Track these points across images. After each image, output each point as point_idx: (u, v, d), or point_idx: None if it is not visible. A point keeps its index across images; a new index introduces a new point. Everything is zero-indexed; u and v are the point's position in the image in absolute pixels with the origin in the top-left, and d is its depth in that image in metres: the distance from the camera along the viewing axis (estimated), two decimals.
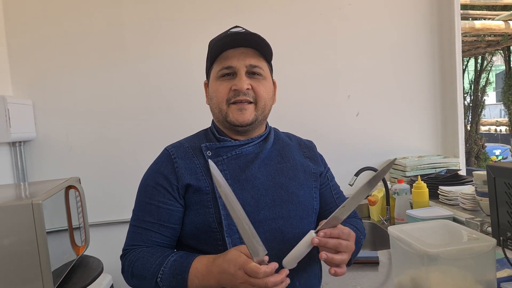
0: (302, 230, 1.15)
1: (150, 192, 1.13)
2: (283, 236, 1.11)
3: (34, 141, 2.17)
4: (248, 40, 1.12)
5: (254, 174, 1.12)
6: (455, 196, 2.02)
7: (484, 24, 5.24)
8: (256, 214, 1.08)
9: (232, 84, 1.11)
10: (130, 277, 1.08)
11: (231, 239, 1.05)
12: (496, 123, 9.71)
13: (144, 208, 1.13)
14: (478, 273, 1.11)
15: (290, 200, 1.14)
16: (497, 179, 1.13)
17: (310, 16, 2.46)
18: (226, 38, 1.10)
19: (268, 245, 1.05)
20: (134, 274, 1.06)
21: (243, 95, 1.11)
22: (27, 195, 1.37)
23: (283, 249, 1.07)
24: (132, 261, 1.07)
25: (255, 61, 1.12)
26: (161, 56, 2.29)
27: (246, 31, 1.15)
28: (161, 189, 1.12)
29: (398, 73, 2.60)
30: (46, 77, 2.18)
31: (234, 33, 1.11)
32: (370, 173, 2.49)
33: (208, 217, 1.06)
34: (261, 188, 1.11)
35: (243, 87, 1.10)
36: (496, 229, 1.15)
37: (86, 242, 1.55)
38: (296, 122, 2.34)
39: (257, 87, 1.13)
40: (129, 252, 1.11)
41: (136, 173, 1.40)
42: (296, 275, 1.10)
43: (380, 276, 1.58)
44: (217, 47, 1.11)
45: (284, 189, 1.14)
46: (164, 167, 1.14)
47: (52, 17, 2.18)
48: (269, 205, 1.10)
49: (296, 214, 1.14)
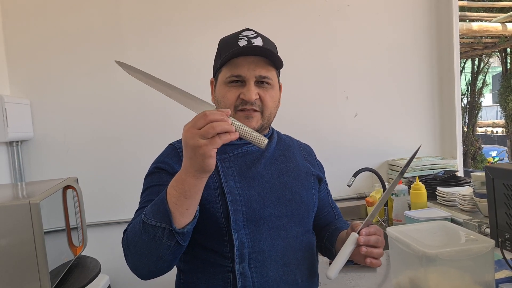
0: (305, 228, 1.20)
1: (156, 177, 1.13)
2: (287, 233, 1.13)
3: (32, 141, 2.16)
4: (259, 51, 1.12)
5: (260, 172, 1.14)
6: (453, 197, 2.03)
7: (481, 26, 5.27)
8: (262, 211, 1.10)
9: (240, 92, 1.11)
10: (127, 248, 1.00)
11: (237, 235, 1.06)
12: (492, 124, 9.75)
13: (150, 191, 1.11)
14: (477, 274, 1.11)
15: (293, 199, 1.16)
16: (495, 180, 1.13)
17: (309, 17, 2.46)
18: (238, 49, 1.09)
19: (273, 241, 1.10)
20: (128, 239, 1.00)
21: (250, 104, 1.11)
22: (24, 195, 1.37)
23: (287, 246, 1.12)
24: (127, 230, 1.03)
25: (264, 71, 1.12)
26: (159, 55, 2.28)
27: (258, 36, 1.15)
28: (166, 173, 1.12)
29: (397, 74, 2.61)
30: (44, 77, 2.18)
31: (247, 47, 1.11)
32: (368, 174, 2.50)
33: (216, 212, 1.07)
34: (266, 186, 1.13)
35: (252, 98, 1.10)
36: (495, 230, 1.15)
37: (84, 242, 1.55)
38: (295, 123, 2.34)
39: (264, 97, 1.13)
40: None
41: (135, 173, 1.40)
42: (299, 272, 1.13)
43: (378, 277, 1.58)
44: (227, 55, 1.10)
45: (288, 188, 1.16)
46: (170, 158, 1.15)
47: (50, 16, 2.17)
48: (274, 202, 1.12)
49: (299, 213, 1.17)
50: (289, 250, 1.12)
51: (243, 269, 1.05)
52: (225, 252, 1.08)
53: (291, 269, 1.11)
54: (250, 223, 1.08)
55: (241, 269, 1.05)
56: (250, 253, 1.07)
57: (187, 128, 0.84)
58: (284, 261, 1.10)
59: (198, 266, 1.11)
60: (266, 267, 1.07)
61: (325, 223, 1.35)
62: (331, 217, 1.37)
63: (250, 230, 1.08)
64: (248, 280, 1.05)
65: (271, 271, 1.08)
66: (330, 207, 1.38)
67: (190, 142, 0.83)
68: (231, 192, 1.09)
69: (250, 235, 1.08)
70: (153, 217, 0.92)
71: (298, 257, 1.14)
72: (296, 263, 1.12)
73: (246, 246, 1.07)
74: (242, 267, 1.06)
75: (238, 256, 1.06)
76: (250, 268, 1.06)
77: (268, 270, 1.07)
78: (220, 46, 1.19)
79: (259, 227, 1.09)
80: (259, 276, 1.06)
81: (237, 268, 1.05)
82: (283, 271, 1.09)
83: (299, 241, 1.15)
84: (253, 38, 1.14)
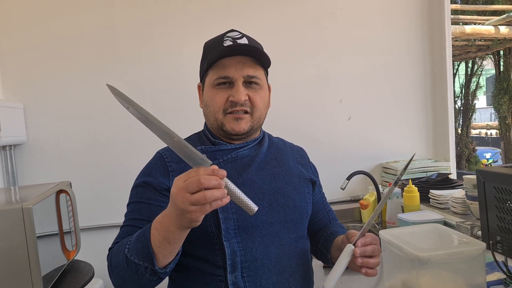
0: (298, 234, 1.17)
1: (141, 192, 1.11)
2: (280, 240, 1.11)
3: (25, 145, 2.16)
4: (245, 49, 1.10)
5: (251, 177, 1.12)
6: (446, 200, 2.04)
7: (474, 29, 5.31)
8: (254, 218, 1.07)
9: (229, 94, 1.09)
10: (111, 271, 1.01)
11: (229, 243, 1.04)
12: (486, 126, 9.80)
13: (134, 208, 1.10)
14: (468, 276, 1.12)
15: (286, 204, 1.14)
16: (486, 183, 1.14)
17: (302, 20, 2.47)
18: (223, 48, 1.08)
19: (266, 249, 1.08)
20: (112, 264, 1.00)
21: (240, 106, 1.10)
22: (17, 200, 1.36)
23: (281, 253, 1.10)
24: (112, 253, 1.03)
25: (252, 71, 1.11)
26: (153, 59, 2.28)
27: (243, 37, 1.14)
28: (151, 188, 1.10)
29: (390, 77, 2.62)
30: (37, 80, 2.17)
31: (232, 45, 1.10)
32: (362, 177, 2.51)
33: (205, 221, 1.02)
34: (258, 192, 1.11)
35: (241, 99, 1.09)
36: (486, 233, 1.16)
37: (77, 246, 1.55)
38: (288, 127, 2.34)
39: (254, 98, 1.12)
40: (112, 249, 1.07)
41: (128, 177, 1.39)
42: (293, 280, 1.11)
43: (371, 280, 1.59)
44: (213, 56, 1.09)
45: (281, 193, 1.14)
46: (156, 170, 1.13)
47: (44, 20, 2.17)
48: (266, 209, 1.10)
49: (292, 219, 1.14)
50: (283, 257, 1.10)
51: (235, 279, 1.03)
52: (217, 261, 1.05)
53: (285, 277, 1.09)
54: (241, 231, 1.06)
55: (234, 279, 1.03)
56: (242, 261, 1.05)
57: (179, 189, 0.80)
58: (277, 269, 1.08)
59: (189, 275, 1.09)
60: (259, 275, 1.05)
61: (320, 226, 1.34)
62: (326, 221, 1.35)
63: (242, 238, 1.06)
64: None
65: (264, 279, 1.06)
66: (325, 210, 1.36)
67: (180, 205, 0.80)
68: None
69: (242, 243, 1.06)
70: (136, 255, 0.91)
71: (292, 264, 1.12)
72: (290, 271, 1.10)
73: (238, 255, 1.04)
74: (235, 276, 1.03)
75: (230, 265, 1.03)
76: (243, 277, 1.04)
77: (262, 278, 1.05)
78: (205, 49, 1.17)
79: (251, 234, 1.07)
80: (252, 285, 1.04)
81: (229, 278, 1.03)
82: (276, 279, 1.07)
83: (293, 247, 1.13)
84: (238, 38, 1.13)
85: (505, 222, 1.09)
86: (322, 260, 1.32)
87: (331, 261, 1.21)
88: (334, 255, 1.18)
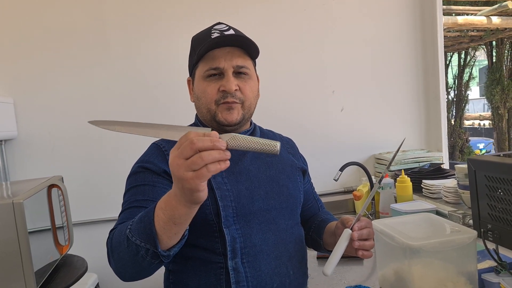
0: (294, 221, 1.22)
1: (142, 176, 1.10)
2: (277, 227, 1.14)
3: (16, 140, 2.14)
4: (234, 40, 1.12)
5: (247, 166, 1.16)
6: (438, 189, 2.05)
7: (466, 20, 5.31)
8: (251, 205, 1.11)
9: (220, 84, 1.11)
10: (111, 253, 0.98)
11: (228, 230, 1.07)
12: (479, 117, 9.83)
13: (136, 191, 1.08)
14: (460, 265, 1.13)
15: (281, 192, 1.18)
16: (477, 172, 1.15)
17: (294, 12, 2.46)
18: (212, 40, 1.10)
19: (264, 235, 1.11)
20: (113, 245, 0.97)
21: (231, 96, 1.11)
22: (8, 195, 1.35)
23: (278, 239, 1.13)
24: (113, 234, 1.00)
25: (241, 61, 1.13)
26: (145, 52, 2.27)
27: (230, 29, 1.16)
28: (152, 172, 1.10)
29: (382, 68, 2.62)
30: (28, 75, 2.14)
31: (221, 36, 1.11)
32: (355, 168, 2.51)
33: (205, 209, 1.06)
34: (254, 180, 1.15)
35: (232, 89, 1.11)
36: (477, 221, 1.17)
37: (70, 241, 1.54)
38: (281, 118, 2.35)
39: (244, 88, 1.14)
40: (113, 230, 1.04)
41: (120, 171, 1.39)
42: (290, 264, 1.14)
43: (365, 270, 1.60)
44: (202, 47, 1.10)
45: (275, 181, 1.18)
46: (154, 157, 1.14)
47: (33, 14, 2.13)
48: (263, 196, 1.14)
49: (287, 206, 1.19)
50: (280, 243, 1.13)
51: (236, 265, 1.06)
52: (217, 248, 1.08)
53: (283, 261, 1.12)
54: (240, 218, 1.09)
55: (234, 265, 1.06)
56: (242, 248, 1.08)
57: (173, 157, 0.76)
58: (276, 254, 1.11)
59: (188, 265, 1.11)
60: (258, 261, 1.09)
61: (310, 215, 1.39)
62: (315, 209, 1.41)
63: (241, 225, 1.09)
64: (241, 275, 1.06)
65: (263, 265, 1.09)
66: (314, 199, 1.42)
67: (176, 173, 0.75)
68: (220, 188, 1.09)
69: (241, 230, 1.09)
70: (138, 235, 0.87)
71: (289, 249, 1.15)
72: (287, 256, 1.14)
73: (238, 241, 1.07)
74: (235, 263, 1.06)
75: (231, 251, 1.06)
76: (242, 263, 1.07)
77: (261, 264, 1.09)
78: (193, 43, 1.19)
79: (249, 221, 1.10)
80: (252, 271, 1.07)
81: (230, 264, 1.06)
82: (275, 264, 1.11)
83: (289, 233, 1.17)
84: (225, 30, 1.15)
85: (496, 210, 1.09)
86: (313, 247, 1.35)
87: (323, 247, 1.26)
88: (327, 241, 1.24)
